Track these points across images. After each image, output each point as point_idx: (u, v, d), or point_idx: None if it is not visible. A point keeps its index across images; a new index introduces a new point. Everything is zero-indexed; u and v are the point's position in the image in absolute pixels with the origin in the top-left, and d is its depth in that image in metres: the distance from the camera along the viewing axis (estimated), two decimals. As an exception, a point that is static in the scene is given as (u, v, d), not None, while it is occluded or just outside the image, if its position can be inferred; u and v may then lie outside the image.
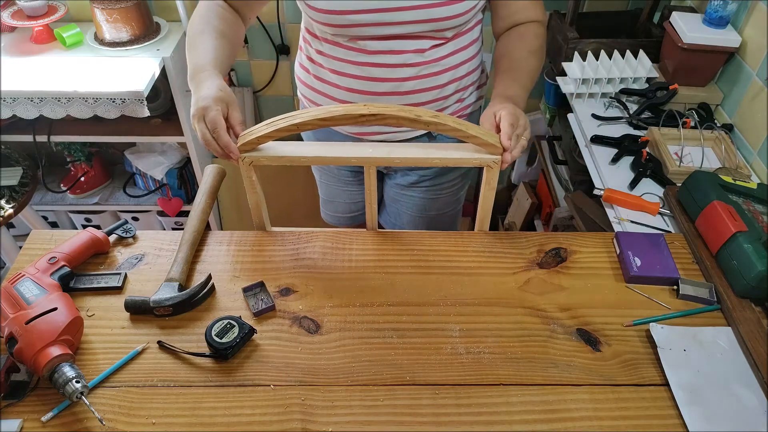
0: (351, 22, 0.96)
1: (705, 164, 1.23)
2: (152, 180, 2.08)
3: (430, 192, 1.26)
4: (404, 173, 1.25)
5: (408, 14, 0.94)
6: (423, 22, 0.95)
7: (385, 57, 1.00)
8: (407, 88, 1.04)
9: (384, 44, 0.99)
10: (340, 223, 1.47)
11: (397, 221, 1.35)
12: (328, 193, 1.41)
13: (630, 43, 1.53)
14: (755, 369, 0.77)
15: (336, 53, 1.04)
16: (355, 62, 1.02)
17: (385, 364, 0.79)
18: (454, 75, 1.06)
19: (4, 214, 1.60)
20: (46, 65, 1.66)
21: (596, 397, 0.75)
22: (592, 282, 0.91)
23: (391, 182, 1.30)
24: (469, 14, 0.97)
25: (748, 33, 1.33)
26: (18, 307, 0.76)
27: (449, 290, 0.89)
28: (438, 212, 1.31)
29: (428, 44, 1.00)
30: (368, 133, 1.12)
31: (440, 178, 1.24)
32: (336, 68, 1.05)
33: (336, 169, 1.32)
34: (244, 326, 0.80)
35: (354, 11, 0.94)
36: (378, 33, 0.97)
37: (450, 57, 1.04)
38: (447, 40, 1.01)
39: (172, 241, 0.96)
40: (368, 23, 0.95)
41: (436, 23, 0.96)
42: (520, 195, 2.05)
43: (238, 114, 0.87)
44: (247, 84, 2.03)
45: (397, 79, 1.03)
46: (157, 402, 0.74)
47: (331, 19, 0.96)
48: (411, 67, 1.02)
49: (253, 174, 0.91)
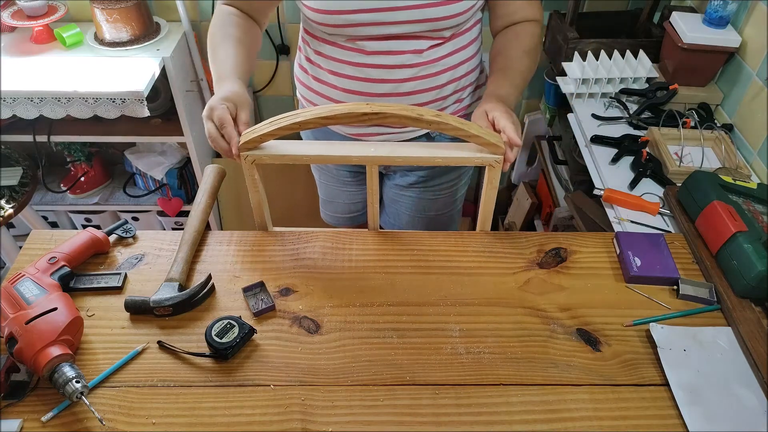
0: (347, 22, 0.96)
1: (705, 164, 1.23)
2: (152, 180, 2.08)
3: (429, 192, 1.26)
4: (403, 174, 1.25)
5: (404, 14, 0.94)
6: (420, 22, 0.95)
7: (383, 57, 1.00)
8: (406, 89, 1.04)
9: (381, 44, 0.99)
10: (339, 223, 1.47)
11: (396, 221, 1.35)
12: (328, 194, 1.41)
13: (630, 43, 1.53)
14: (755, 369, 0.77)
15: (334, 54, 1.03)
16: (353, 63, 1.02)
17: (385, 364, 0.79)
18: (453, 75, 1.06)
19: (4, 214, 1.60)
20: (46, 65, 1.66)
21: (596, 397, 0.75)
22: (592, 282, 0.91)
23: (390, 183, 1.30)
24: (467, 14, 0.97)
25: (748, 33, 1.33)
26: (18, 307, 0.76)
27: (449, 290, 0.89)
28: (437, 213, 1.31)
29: (426, 44, 1.00)
30: (367, 134, 1.12)
31: (438, 179, 1.24)
32: (334, 69, 1.05)
33: (335, 169, 1.32)
34: (244, 326, 0.80)
35: (350, 11, 0.94)
36: (375, 33, 0.97)
37: (449, 57, 1.04)
38: (445, 40, 1.01)
39: (172, 241, 0.96)
40: (364, 23, 0.95)
41: (434, 23, 0.96)
42: (520, 195, 2.05)
43: (245, 115, 0.89)
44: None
45: (396, 80, 1.03)
46: (157, 402, 0.74)
47: (328, 18, 0.96)
48: (409, 68, 1.01)
49: (256, 173, 0.91)
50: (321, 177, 1.38)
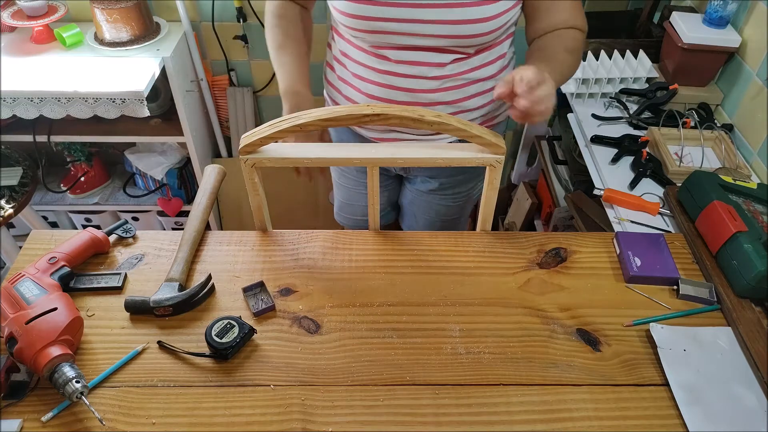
0: (372, 29, 0.95)
1: (705, 164, 1.23)
2: (152, 180, 2.08)
3: (449, 199, 1.25)
4: (424, 179, 1.24)
5: (432, 28, 0.93)
6: (447, 38, 0.94)
7: (405, 67, 0.99)
8: (426, 100, 1.02)
9: (404, 54, 0.98)
10: (356, 225, 1.45)
11: (414, 224, 1.35)
12: (348, 197, 1.39)
13: (630, 43, 1.53)
14: (755, 369, 0.77)
15: (358, 57, 1.03)
16: (376, 69, 1.01)
17: (385, 364, 0.79)
18: (480, 89, 1.04)
19: (4, 214, 1.60)
20: (46, 65, 1.66)
21: (596, 397, 0.75)
22: (592, 282, 0.91)
23: (411, 187, 1.29)
24: (496, 33, 0.95)
25: (748, 33, 1.33)
26: (18, 307, 0.76)
27: (449, 290, 0.89)
28: (452, 217, 1.30)
29: (449, 58, 0.98)
30: (391, 139, 1.11)
31: (461, 187, 1.22)
32: (358, 72, 1.05)
33: (356, 171, 1.31)
34: (244, 326, 0.80)
35: (376, 18, 0.93)
36: (399, 42, 0.96)
37: (473, 71, 1.01)
38: (469, 55, 0.99)
39: (172, 241, 0.96)
40: (390, 31, 0.95)
41: (460, 39, 0.94)
42: (520, 195, 2.05)
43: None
44: (247, 84, 2.03)
45: (416, 90, 1.01)
46: (157, 402, 0.74)
47: (354, 23, 0.95)
48: (431, 80, 1.00)
49: (256, 176, 0.91)
50: (340, 179, 1.36)
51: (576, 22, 0.99)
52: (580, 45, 1.00)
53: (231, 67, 1.98)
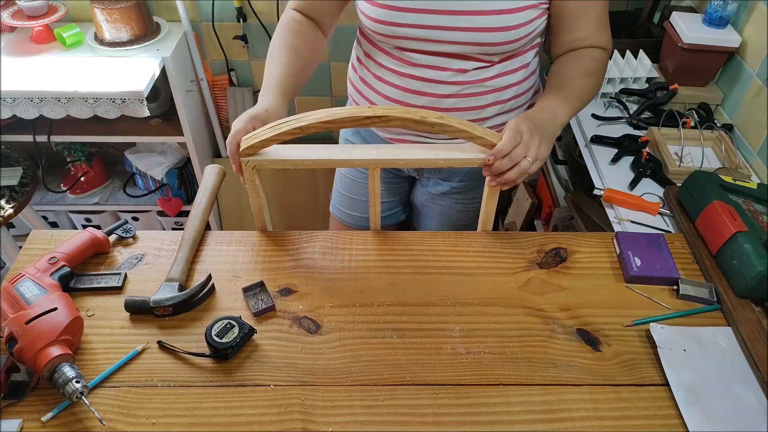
0: (397, 34, 0.95)
1: (705, 164, 1.23)
2: (152, 180, 2.08)
3: (461, 204, 1.25)
4: (436, 182, 1.23)
5: (457, 35, 0.93)
6: (471, 45, 0.94)
7: (426, 71, 0.99)
8: (445, 105, 1.02)
9: (427, 59, 0.98)
10: (356, 223, 1.43)
11: (428, 224, 1.34)
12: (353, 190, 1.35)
13: (630, 43, 1.53)
14: (755, 369, 0.77)
15: (380, 59, 1.03)
16: (397, 72, 1.02)
17: (385, 364, 0.79)
18: (498, 97, 1.03)
19: (4, 214, 1.60)
20: (46, 65, 1.66)
21: (596, 397, 0.75)
22: (592, 282, 0.91)
23: (423, 189, 1.28)
24: (520, 42, 0.95)
25: (748, 33, 1.33)
26: (18, 307, 0.76)
27: (449, 290, 0.89)
28: (464, 222, 1.29)
29: (472, 65, 0.98)
30: (407, 141, 1.10)
31: (473, 192, 1.22)
32: (379, 74, 1.05)
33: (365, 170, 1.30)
34: (244, 326, 0.80)
35: (403, 24, 0.93)
36: (423, 48, 0.96)
37: (495, 79, 1.01)
38: (492, 63, 0.99)
39: (172, 241, 0.96)
40: (415, 37, 0.95)
41: (484, 47, 0.94)
42: (520, 195, 2.05)
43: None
44: (248, 84, 2.03)
45: (436, 94, 1.01)
46: (157, 402, 0.74)
47: (380, 27, 0.96)
48: (451, 85, 1.00)
49: (256, 178, 0.91)
50: (347, 171, 1.34)
51: (600, 40, 0.98)
52: (601, 66, 0.99)
53: (231, 67, 1.98)
